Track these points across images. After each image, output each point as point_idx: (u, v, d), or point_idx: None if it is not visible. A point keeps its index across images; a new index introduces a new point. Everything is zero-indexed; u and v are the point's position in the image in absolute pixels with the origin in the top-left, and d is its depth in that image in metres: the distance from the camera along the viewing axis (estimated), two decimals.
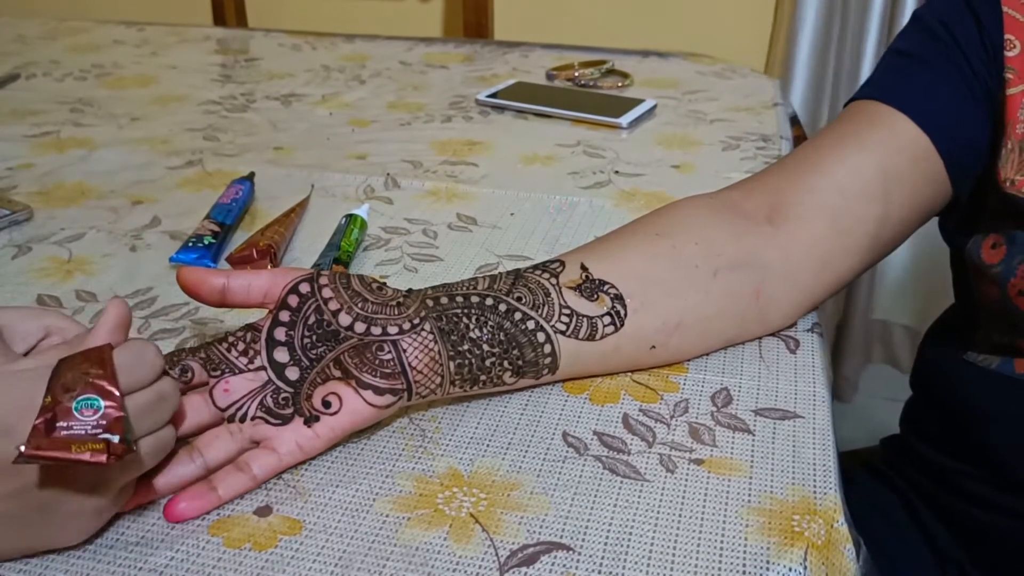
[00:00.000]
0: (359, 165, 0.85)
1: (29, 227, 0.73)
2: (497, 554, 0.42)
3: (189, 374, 0.46)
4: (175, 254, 0.66)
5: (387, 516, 0.44)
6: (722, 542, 0.43)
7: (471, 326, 0.48)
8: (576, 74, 1.09)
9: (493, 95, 1.02)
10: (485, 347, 0.48)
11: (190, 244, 0.67)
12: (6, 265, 0.67)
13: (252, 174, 0.79)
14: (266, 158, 0.87)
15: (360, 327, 0.47)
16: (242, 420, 0.46)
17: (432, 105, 1.02)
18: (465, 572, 0.41)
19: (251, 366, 0.47)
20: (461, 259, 0.68)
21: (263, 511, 0.44)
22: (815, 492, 0.45)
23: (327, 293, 0.47)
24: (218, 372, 0.47)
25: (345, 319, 0.47)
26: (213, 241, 0.67)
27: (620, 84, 1.08)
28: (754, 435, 0.49)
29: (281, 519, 0.44)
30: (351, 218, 0.70)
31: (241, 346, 0.47)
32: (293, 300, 0.47)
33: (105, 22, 1.36)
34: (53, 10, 1.61)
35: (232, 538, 0.43)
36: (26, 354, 0.45)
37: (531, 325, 0.49)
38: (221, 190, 0.77)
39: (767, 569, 0.41)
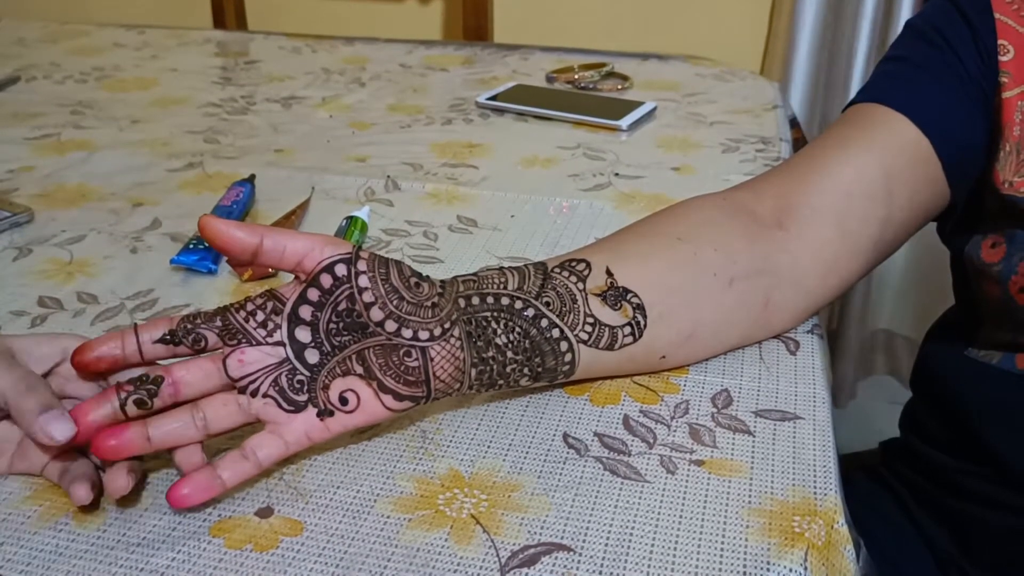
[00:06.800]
0: (359, 167, 0.85)
1: (30, 229, 0.73)
2: (498, 555, 0.42)
3: (202, 343, 0.45)
4: (176, 256, 0.66)
5: (388, 517, 0.44)
6: (723, 543, 0.43)
7: (498, 331, 0.48)
8: (576, 76, 1.09)
9: (493, 98, 1.02)
10: (509, 354, 0.48)
11: (191, 246, 0.67)
12: (7, 267, 0.67)
13: (253, 176, 0.79)
14: (266, 160, 0.87)
15: (391, 326, 0.46)
16: (253, 395, 0.45)
17: (432, 108, 1.02)
18: (466, 573, 0.41)
19: (269, 339, 0.45)
20: (461, 261, 0.68)
21: (264, 512, 0.44)
22: (815, 493, 0.46)
23: (363, 282, 0.45)
24: (234, 341, 0.45)
25: (377, 314, 0.45)
26: None
27: (620, 87, 1.08)
28: (754, 436, 0.49)
29: (282, 520, 0.44)
30: (352, 220, 0.70)
31: (260, 316, 0.45)
32: (326, 280, 0.45)
33: (105, 25, 1.36)
34: (54, 13, 1.62)
35: (233, 539, 0.43)
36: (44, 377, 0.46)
37: (556, 334, 0.49)
38: (222, 192, 0.77)
39: (767, 570, 0.41)
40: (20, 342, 0.45)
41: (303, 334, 0.45)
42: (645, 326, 0.51)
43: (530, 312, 0.49)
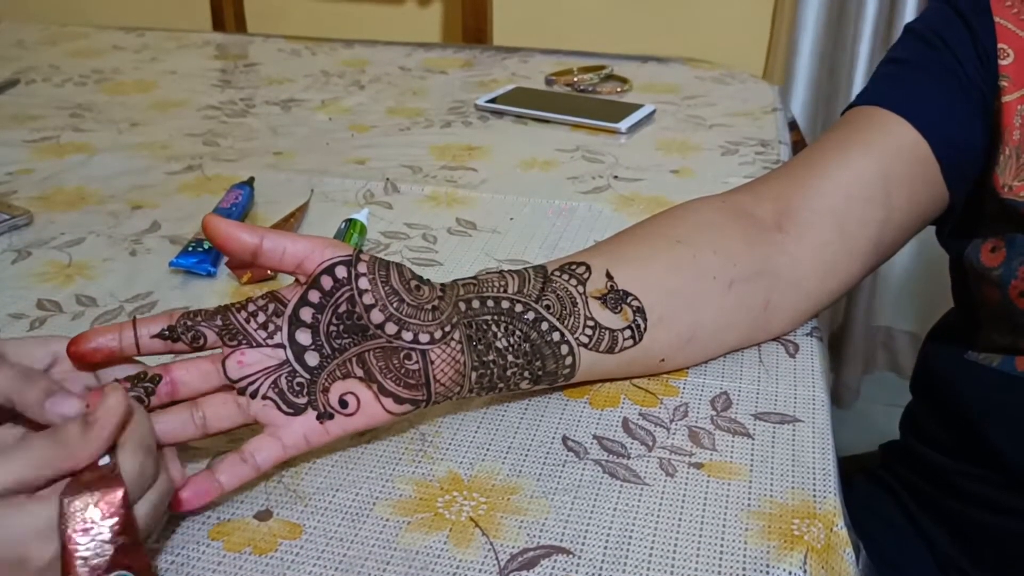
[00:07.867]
0: (359, 170, 0.85)
1: (29, 232, 0.73)
2: (497, 558, 0.42)
3: (201, 341, 0.44)
4: (175, 259, 0.66)
5: (387, 520, 0.44)
6: (722, 546, 0.43)
7: (499, 334, 0.48)
8: (575, 79, 1.10)
9: (492, 100, 1.02)
10: (510, 358, 0.48)
11: (190, 249, 0.67)
12: (6, 270, 0.67)
13: (252, 179, 0.79)
14: (266, 163, 0.87)
15: (391, 328, 0.45)
16: (252, 396, 0.44)
17: (431, 110, 1.02)
18: None
19: (270, 341, 0.45)
20: (460, 263, 0.68)
21: (263, 515, 0.44)
22: (815, 496, 0.45)
23: (363, 284, 0.45)
24: (234, 342, 0.45)
25: (377, 317, 0.45)
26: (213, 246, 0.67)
27: (619, 89, 1.08)
28: (753, 439, 0.49)
29: (281, 523, 0.44)
30: (351, 223, 0.70)
31: (261, 317, 0.45)
32: (326, 282, 0.45)
33: (105, 27, 1.36)
34: (53, 15, 1.62)
35: (232, 542, 0.43)
36: None
37: (556, 337, 0.49)
38: (221, 195, 0.77)
39: (767, 573, 0.41)
40: (10, 346, 0.45)
41: (303, 336, 0.45)
42: (645, 329, 0.51)
43: (530, 315, 0.49)
